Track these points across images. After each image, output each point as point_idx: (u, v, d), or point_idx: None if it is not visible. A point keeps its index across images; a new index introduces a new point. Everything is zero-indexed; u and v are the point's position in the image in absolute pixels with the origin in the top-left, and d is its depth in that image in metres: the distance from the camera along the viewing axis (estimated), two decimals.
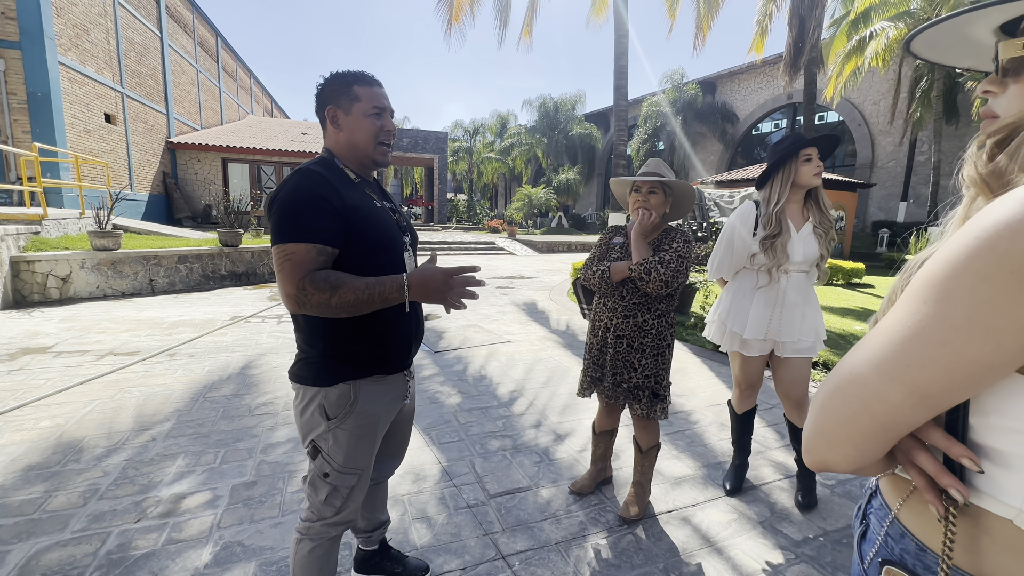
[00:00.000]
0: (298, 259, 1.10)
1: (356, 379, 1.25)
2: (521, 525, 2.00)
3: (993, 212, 0.41)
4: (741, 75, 21.42)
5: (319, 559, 1.32)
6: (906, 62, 14.78)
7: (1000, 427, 0.45)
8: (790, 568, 1.80)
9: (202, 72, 18.00)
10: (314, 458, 1.28)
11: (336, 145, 1.27)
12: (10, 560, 1.69)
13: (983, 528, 0.47)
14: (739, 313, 2.15)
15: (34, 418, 2.78)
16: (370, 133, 1.25)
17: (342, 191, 1.18)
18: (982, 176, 0.50)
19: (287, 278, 1.10)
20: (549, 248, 16.34)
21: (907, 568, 0.53)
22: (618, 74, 9.39)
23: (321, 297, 1.09)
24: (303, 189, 1.13)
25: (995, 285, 0.40)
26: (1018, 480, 0.44)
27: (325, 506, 1.29)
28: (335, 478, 1.27)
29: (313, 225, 1.12)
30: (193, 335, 4.60)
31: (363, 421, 1.26)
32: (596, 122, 28.33)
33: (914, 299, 0.45)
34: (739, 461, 2.37)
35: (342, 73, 1.25)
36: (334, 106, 1.24)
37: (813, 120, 11.91)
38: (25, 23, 9.09)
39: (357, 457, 1.28)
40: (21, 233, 6.02)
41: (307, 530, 1.31)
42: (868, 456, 0.50)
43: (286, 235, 1.11)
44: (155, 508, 2.02)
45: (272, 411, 3.01)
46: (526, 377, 3.81)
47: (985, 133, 0.51)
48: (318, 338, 1.22)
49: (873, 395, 0.47)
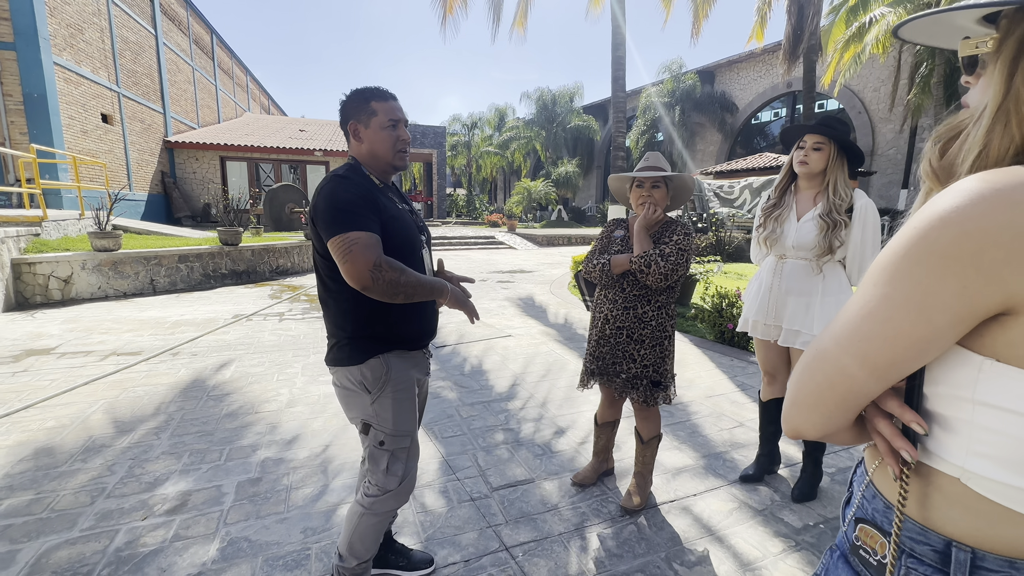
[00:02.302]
0: (366, 242, 1.25)
1: (384, 353, 1.39)
2: (524, 517, 2.02)
3: (930, 205, 0.48)
4: (740, 64, 21.26)
5: (376, 532, 1.46)
6: (906, 48, 14.66)
7: (947, 395, 0.50)
8: (791, 555, 1.82)
9: (198, 70, 17.92)
10: (367, 433, 1.41)
11: (360, 155, 1.42)
12: (20, 559, 1.71)
13: (936, 486, 0.53)
14: (747, 294, 2.26)
15: (40, 419, 2.81)
16: (388, 143, 1.39)
17: (374, 193, 1.34)
18: (934, 170, 0.56)
19: (362, 258, 1.23)
20: (549, 241, 16.32)
21: (876, 525, 0.58)
22: (616, 65, 9.33)
23: (393, 275, 1.25)
24: (347, 190, 1.29)
25: (926, 268, 0.46)
26: (960, 441, 0.50)
27: (388, 477, 1.41)
28: (391, 443, 1.40)
29: (364, 216, 1.28)
30: (195, 334, 4.62)
31: (400, 386, 1.41)
32: (594, 114, 28.16)
33: (868, 282, 0.52)
34: (760, 450, 2.37)
35: (360, 90, 1.40)
36: (355, 121, 1.39)
37: (813, 108, 11.84)
38: (19, 23, 9.04)
39: (404, 420, 1.42)
40: (22, 235, 6.03)
41: (371, 504, 1.43)
42: (834, 423, 0.56)
43: (348, 225, 1.25)
44: (161, 505, 2.04)
45: (275, 408, 3.03)
46: (526, 371, 3.82)
47: (935, 133, 0.57)
48: (348, 320, 1.37)
49: (834, 368, 0.53)
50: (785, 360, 2.23)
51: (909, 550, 0.54)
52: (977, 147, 0.51)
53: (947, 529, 0.51)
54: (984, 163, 0.50)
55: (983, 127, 0.50)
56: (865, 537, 0.59)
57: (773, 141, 20.96)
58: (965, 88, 0.57)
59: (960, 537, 0.50)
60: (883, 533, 0.56)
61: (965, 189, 0.45)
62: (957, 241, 0.44)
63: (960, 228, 0.44)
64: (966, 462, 0.49)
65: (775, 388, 2.28)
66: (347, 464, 2.40)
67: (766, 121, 21.37)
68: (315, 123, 22.18)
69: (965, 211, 0.44)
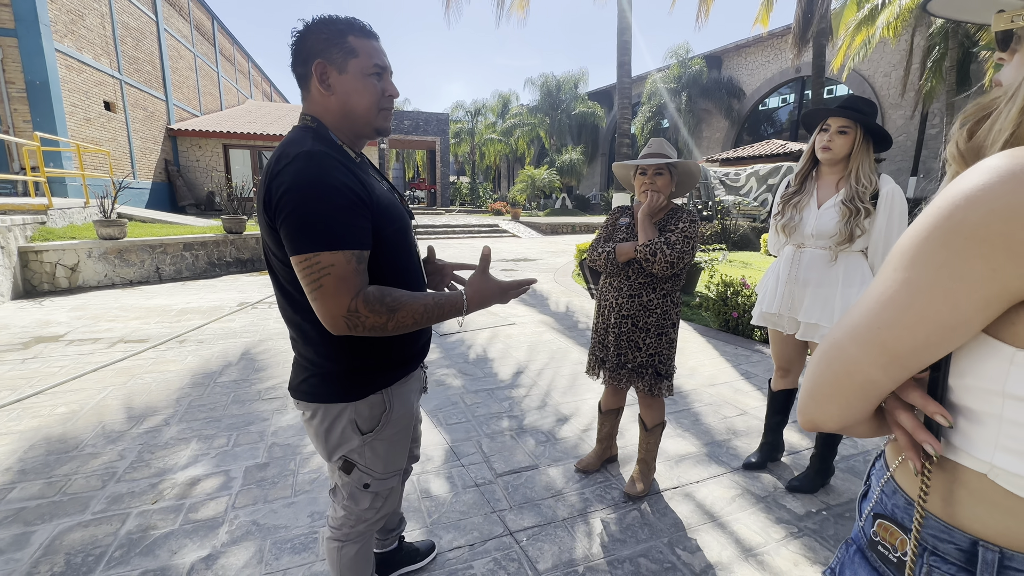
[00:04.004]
0: (340, 273, 0.91)
1: (387, 386, 1.12)
2: (528, 503, 2.04)
3: (955, 184, 0.45)
4: (748, 48, 20.88)
5: (364, 556, 1.28)
6: (918, 31, 14.34)
7: (974, 388, 0.48)
8: (792, 541, 1.84)
9: (199, 57, 17.78)
10: (348, 472, 1.15)
11: (326, 112, 1.03)
12: (35, 540, 1.75)
13: (961, 482, 0.51)
14: (763, 285, 2.20)
15: (50, 404, 2.85)
16: (372, 97, 1.03)
17: (356, 172, 0.99)
18: (961, 153, 0.53)
19: (332, 299, 0.91)
20: (553, 230, 16.26)
21: (896, 521, 0.56)
22: (621, 50, 9.19)
23: (377, 320, 0.94)
24: (323, 178, 0.91)
25: (952, 250, 0.43)
26: (988, 435, 0.47)
27: (368, 511, 1.22)
28: (377, 485, 1.18)
29: (347, 226, 0.92)
30: (201, 322, 4.65)
31: (399, 426, 1.17)
32: (599, 100, 27.81)
33: (887, 267, 0.49)
34: (764, 439, 2.36)
35: (331, 19, 1.00)
36: (324, 61, 0.99)
37: (822, 94, 11.65)
38: (19, 9, 8.97)
39: (396, 460, 1.20)
40: (28, 223, 6.06)
41: (347, 536, 1.24)
42: (851, 415, 0.54)
43: (319, 240, 0.90)
44: (171, 490, 2.07)
45: (281, 394, 3.06)
46: (530, 359, 3.83)
47: (963, 113, 0.54)
48: (342, 352, 1.06)
49: (851, 358, 0.51)
50: (801, 354, 2.18)
51: (932, 547, 0.52)
52: (1010, 127, 0.47)
53: (973, 527, 0.50)
54: (1017, 144, 0.47)
55: (1017, 106, 0.47)
56: (884, 533, 0.57)
57: (781, 128, 20.67)
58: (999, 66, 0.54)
59: (987, 535, 0.49)
60: (903, 529, 0.55)
61: (993, 167, 0.43)
62: (985, 221, 0.42)
63: (988, 207, 0.41)
64: (994, 457, 0.47)
65: (788, 381, 2.25)
66: None
67: (774, 107, 21.04)
68: None
69: (994, 189, 0.42)
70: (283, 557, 1.71)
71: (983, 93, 0.54)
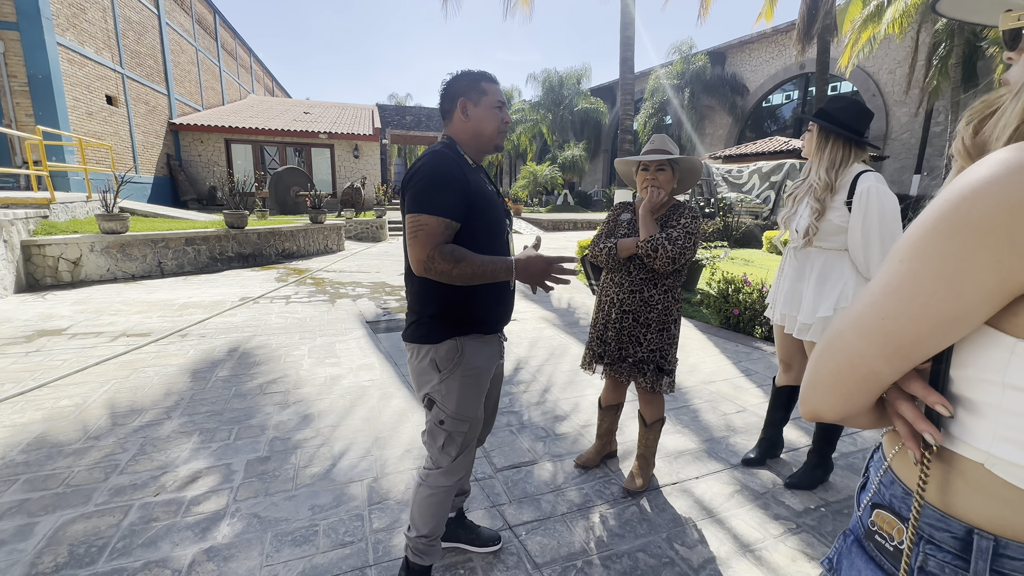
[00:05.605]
0: (430, 230, 1.27)
1: (461, 336, 1.41)
2: (528, 497, 2.05)
3: (962, 177, 0.45)
4: (752, 45, 20.75)
5: (434, 505, 1.48)
6: (924, 28, 14.23)
7: (975, 378, 0.49)
8: (791, 537, 1.84)
9: (201, 51, 17.75)
10: (430, 408, 1.44)
11: (460, 133, 1.44)
12: (38, 531, 1.77)
13: (958, 472, 0.51)
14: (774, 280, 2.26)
15: (53, 397, 2.86)
16: (495, 123, 1.44)
17: (467, 173, 1.36)
18: (967, 148, 0.53)
19: (420, 245, 1.27)
20: (555, 226, 16.24)
21: (894, 511, 0.57)
22: (624, 46, 9.13)
23: (445, 267, 1.26)
24: (440, 167, 1.31)
25: (958, 241, 0.44)
26: (987, 425, 0.48)
27: (442, 454, 1.45)
28: (449, 424, 1.43)
29: (444, 200, 1.29)
30: (203, 316, 4.66)
31: (470, 371, 1.43)
32: (602, 96, 27.70)
33: (892, 259, 0.50)
34: (763, 434, 2.37)
35: (471, 71, 1.45)
36: (465, 99, 1.41)
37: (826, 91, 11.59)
38: (21, 3, 8.96)
39: (467, 405, 1.44)
40: (30, 217, 6.08)
41: (426, 477, 1.48)
42: (853, 406, 0.54)
43: (422, 207, 1.28)
44: (173, 483, 2.09)
45: (282, 389, 3.07)
46: (530, 354, 3.84)
47: (970, 110, 0.55)
48: (430, 301, 1.40)
49: (854, 348, 0.51)
50: (800, 349, 2.21)
51: (928, 536, 0.53)
52: (1015, 122, 0.48)
53: (968, 516, 0.50)
54: (1022, 139, 0.47)
55: (1022, 101, 0.48)
56: (881, 522, 0.58)
57: (784, 125, 20.57)
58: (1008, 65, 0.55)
59: (982, 524, 0.49)
60: (900, 519, 0.56)
61: (1000, 160, 0.43)
62: (991, 213, 0.42)
63: (994, 200, 0.42)
64: (992, 447, 0.48)
65: (790, 376, 2.27)
66: (353, 444, 2.44)
67: (777, 104, 20.93)
68: (320, 105, 22.00)
69: (1000, 182, 0.42)
70: (284, 550, 1.72)
71: (990, 90, 0.54)
